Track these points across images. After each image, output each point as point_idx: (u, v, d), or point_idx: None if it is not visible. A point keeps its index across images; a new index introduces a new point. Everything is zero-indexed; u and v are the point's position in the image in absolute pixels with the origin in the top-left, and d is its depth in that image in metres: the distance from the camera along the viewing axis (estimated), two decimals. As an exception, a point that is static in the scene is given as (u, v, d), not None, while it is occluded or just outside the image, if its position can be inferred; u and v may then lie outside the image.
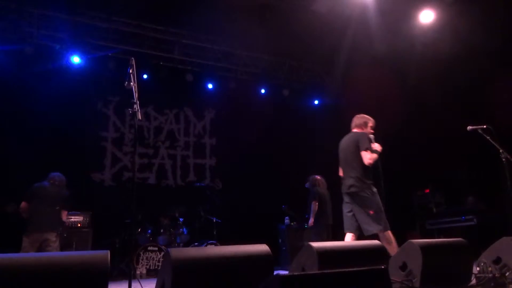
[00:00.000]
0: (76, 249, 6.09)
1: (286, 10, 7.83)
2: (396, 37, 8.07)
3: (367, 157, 4.33)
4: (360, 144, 4.45)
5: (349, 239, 4.32)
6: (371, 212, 4.23)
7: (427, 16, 7.56)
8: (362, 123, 4.74)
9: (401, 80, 8.78)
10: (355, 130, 4.78)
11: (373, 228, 4.18)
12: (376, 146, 4.46)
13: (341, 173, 4.77)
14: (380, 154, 4.49)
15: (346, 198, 4.52)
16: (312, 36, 8.25)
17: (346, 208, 4.50)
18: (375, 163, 4.47)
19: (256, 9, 7.52)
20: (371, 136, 4.59)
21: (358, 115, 4.86)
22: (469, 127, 5.05)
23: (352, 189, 4.39)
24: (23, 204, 5.30)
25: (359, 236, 4.35)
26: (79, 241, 6.28)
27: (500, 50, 7.47)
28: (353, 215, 4.36)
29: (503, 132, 5.12)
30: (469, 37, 7.41)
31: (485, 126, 4.95)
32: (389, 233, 4.23)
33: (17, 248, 5.10)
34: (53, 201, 5.41)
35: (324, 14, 7.83)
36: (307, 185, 7.14)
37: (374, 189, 4.38)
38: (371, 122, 4.76)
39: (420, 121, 8.86)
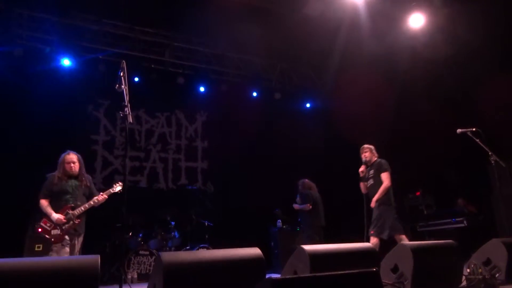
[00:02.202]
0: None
1: (278, 13, 7.86)
2: (387, 40, 8.14)
3: None
4: None
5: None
6: None
7: (417, 20, 7.63)
8: None
9: (392, 84, 8.85)
10: None
11: None
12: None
13: None
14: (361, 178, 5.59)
15: None
16: (304, 39, 8.29)
17: None
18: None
19: (248, 12, 7.54)
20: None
21: None
22: (458, 130, 5.12)
23: None
24: None
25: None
26: (69, 245, 6.20)
27: (491, 53, 7.56)
28: None
29: (493, 135, 5.19)
30: (459, 40, 7.50)
31: (474, 129, 5.01)
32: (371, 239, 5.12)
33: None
34: None
35: (316, 18, 7.88)
36: (300, 188, 7.17)
37: None
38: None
39: (411, 124, 8.93)
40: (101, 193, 4.65)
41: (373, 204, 5.24)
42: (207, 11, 7.31)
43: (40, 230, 4.68)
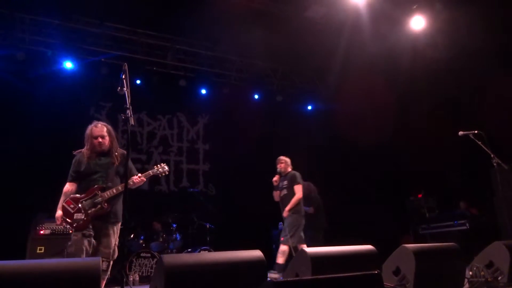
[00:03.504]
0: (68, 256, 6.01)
1: (280, 16, 7.87)
2: (388, 43, 8.14)
3: None
4: None
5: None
6: None
7: (418, 22, 7.64)
8: None
9: (393, 86, 8.85)
10: None
11: None
12: None
13: None
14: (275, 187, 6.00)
15: None
16: (306, 42, 8.29)
17: None
18: None
19: (250, 15, 7.55)
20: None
21: None
22: (460, 132, 5.11)
23: None
24: None
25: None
26: (71, 248, 6.20)
27: (492, 56, 7.56)
28: None
29: (495, 137, 5.18)
30: (460, 42, 7.50)
31: (476, 131, 5.00)
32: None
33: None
34: None
35: (318, 21, 7.89)
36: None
37: None
38: None
39: (412, 126, 8.93)
40: (139, 174, 3.95)
41: (285, 214, 5.64)
42: (210, 14, 7.32)
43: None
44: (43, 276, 2.21)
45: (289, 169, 6.01)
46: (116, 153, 3.95)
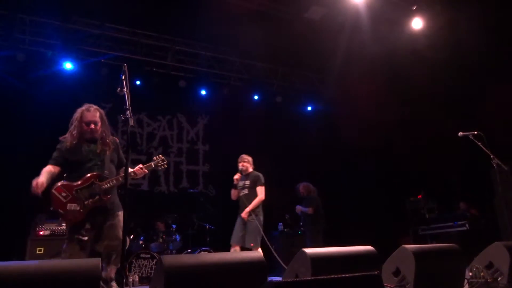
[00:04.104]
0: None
1: (280, 17, 7.88)
2: (388, 44, 8.15)
3: None
4: None
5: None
6: None
7: (418, 23, 7.65)
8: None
9: (393, 87, 8.85)
10: None
11: None
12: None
13: None
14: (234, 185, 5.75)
15: None
16: (305, 42, 8.31)
17: None
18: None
19: (250, 16, 7.56)
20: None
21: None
22: (460, 133, 5.11)
23: None
24: None
25: None
26: (70, 248, 6.19)
27: (492, 57, 7.57)
28: None
29: (494, 138, 5.18)
30: (460, 43, 7.51)
31: (476, 132, 5.00)
32: None
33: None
34: None
35: (317, 21, 7.90)
36: (303, 192, 7.17)
37: None
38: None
39: (413, 127, 8.93)
40: (140, 165, 3.66)
41: (245, 215, 5.42)
42: (209, 15, 7.33)
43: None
44: (42, 277, 2.21)
45: (251, 169, 5.81)
46: (108, 140, 3.66)
